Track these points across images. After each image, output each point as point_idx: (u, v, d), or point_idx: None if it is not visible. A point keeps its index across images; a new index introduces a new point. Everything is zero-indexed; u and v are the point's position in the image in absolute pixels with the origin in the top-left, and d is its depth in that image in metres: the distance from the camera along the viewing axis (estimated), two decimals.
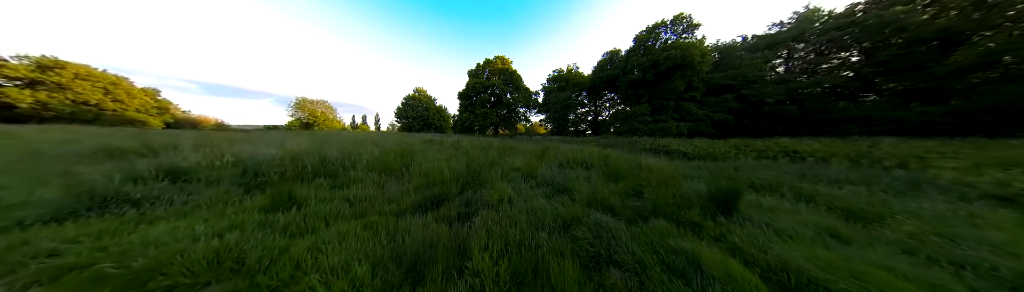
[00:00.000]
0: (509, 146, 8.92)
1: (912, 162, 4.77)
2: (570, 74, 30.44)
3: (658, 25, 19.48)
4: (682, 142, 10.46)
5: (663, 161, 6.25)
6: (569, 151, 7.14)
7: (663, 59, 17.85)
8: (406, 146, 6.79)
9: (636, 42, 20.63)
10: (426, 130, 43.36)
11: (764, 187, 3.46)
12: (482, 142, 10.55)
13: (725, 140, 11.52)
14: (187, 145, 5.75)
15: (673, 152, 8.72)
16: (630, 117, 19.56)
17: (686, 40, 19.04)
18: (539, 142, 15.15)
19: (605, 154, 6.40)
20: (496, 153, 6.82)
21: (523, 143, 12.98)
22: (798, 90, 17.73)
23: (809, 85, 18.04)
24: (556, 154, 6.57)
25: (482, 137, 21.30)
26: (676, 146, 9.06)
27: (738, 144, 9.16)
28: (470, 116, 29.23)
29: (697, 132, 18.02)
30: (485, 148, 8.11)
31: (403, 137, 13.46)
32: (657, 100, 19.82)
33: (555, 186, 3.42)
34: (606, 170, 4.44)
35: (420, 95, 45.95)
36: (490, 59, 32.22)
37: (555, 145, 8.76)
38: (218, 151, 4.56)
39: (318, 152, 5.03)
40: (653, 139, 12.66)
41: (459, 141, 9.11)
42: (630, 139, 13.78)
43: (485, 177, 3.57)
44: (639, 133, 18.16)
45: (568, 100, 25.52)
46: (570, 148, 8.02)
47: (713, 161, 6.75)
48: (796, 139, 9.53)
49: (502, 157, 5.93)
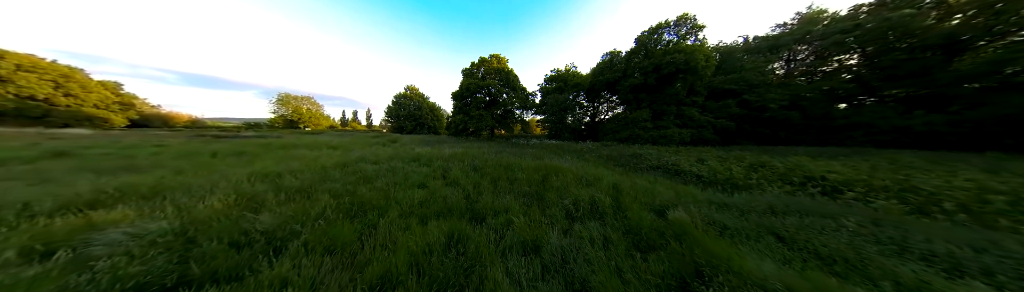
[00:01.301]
0: (506, 166, 8.10)
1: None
2: (568, 74, 29.64)
3: (661, 26, 18.77)
4: (691, 159, 9.97)
5: (684, 189, 5.70)
6: (572, 176, 6.47)
7: (666, 63, 17.24)
8: (383, 186, 5.57)
9: (637, 43, 19.92)
10: (419, 131, 42.27)
11: (851, 271, 2.76)
12: (476, 156, 9.72)
13: (737, 154, 11.10)
14: None
15: (684, 173, 8.22)
16: (631, 123, 19.06)
17: (690, 43, 18.42)
18: (538, 150, 14.52)
19: (615, 185, 5.74)
20: (490, 183, 6.02)
21: (521, 152, 12.02)
22: (800, 94, 17.44)
23: (810, 89, 17.76)
24: (560, 182, 5.89)
25: (477, 141, 20.56)
26: (687, 166, 8.54)
27: (754, 163, 8.72)
28: (465, 118, 28.33)
29: (699, 139, 17.67)
30: (479, 169, 7.33)
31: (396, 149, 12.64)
32: (658, 105, 19.33)
33: (565, 275, 2.64)
34: (625, 224, 3.70)
35: (412, 93, 44.56)
36: (485, 58, 31.09)
37: (556, 164, 8.06)
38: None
39: (245, 215, 3.31)
40: (658, 152, 12.16)
41: (449, 164, 8.14)
42: (633, 151, 13.27)
43: (471, 252, 2.82)
44: (640, 140, 17.71)
45: (565, 102, 24.84)
46: (573, 169, 7.34)
47: (735, 190, 6.26)
48: (816, 159, 9.13)
49: (497, 194, 5.14)
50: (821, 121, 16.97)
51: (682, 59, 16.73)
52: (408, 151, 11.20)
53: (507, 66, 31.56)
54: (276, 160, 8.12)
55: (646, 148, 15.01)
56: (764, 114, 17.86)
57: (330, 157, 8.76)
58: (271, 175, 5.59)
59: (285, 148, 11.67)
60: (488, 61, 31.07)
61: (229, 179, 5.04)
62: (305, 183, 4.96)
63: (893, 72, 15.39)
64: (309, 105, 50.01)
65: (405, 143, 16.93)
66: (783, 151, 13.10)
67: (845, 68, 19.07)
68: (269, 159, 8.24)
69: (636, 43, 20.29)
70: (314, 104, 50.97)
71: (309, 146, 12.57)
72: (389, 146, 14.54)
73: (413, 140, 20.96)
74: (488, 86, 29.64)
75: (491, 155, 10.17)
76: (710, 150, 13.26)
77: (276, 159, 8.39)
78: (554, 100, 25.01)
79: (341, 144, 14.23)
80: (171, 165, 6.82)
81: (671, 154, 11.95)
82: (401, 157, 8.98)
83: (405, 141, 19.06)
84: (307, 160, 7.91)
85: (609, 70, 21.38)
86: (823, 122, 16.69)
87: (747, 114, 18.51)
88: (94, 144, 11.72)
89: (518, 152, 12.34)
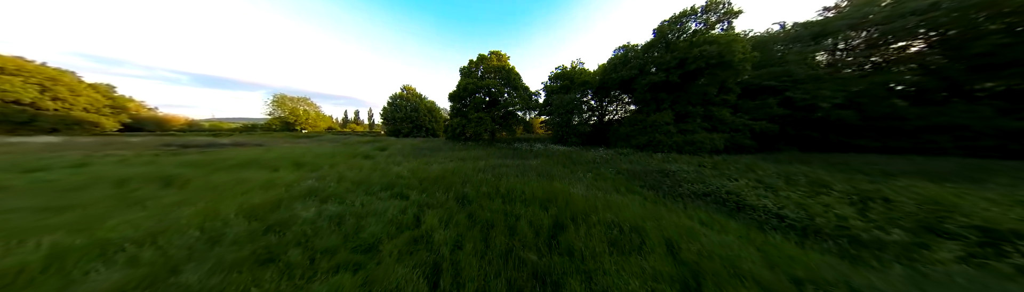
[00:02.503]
0: (505, 194, 6.00)
1: None
2: (574, 71, 26.92)
3: (685, 13, 15.93)
4: (750, 182, 7.24)
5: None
6: (599, 225, 4.07)
7: (694, 57, 14.42)
8: (298, 262, 3.49)
9: (656, 34, 17.12)
10: (416, 133, 40.09)
11: None
12: (469, 175, 7.50)
13: (802, 170, 8.32)
14: None
15: (753, 208, 5.55)
16: (650, 126, 16.29)
17: (719, 32, 15.55)
18: (544, 160, 11.97)
19: (671, 242, 3.31)
20: (479, 234, 3.80)
21: (524, 165, 9.95)
22: (858, 90, 14.41)
23: (869, 85, 14.68)
24: (582, 239, 3.51)
25: (475, 148, 18.07)
26: (755, 198, 5.82)
27: (850, 192, 6.02)
28: (462, 121, 25.92)
29: (734, 145, 14.81)
30: (469, 204, 5.24)
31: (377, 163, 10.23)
32: (682, 105, 16.50)
33: None
34: None
35: (409, 94, 42.40)
36: (484, 55, 28.61)
37: (571, 193, 5.76)
38: None
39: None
40: (697, 171, 9.43)
41: (430, 196, 5.82)
42: (658, 163, 10.60)
43: None
44: (662, 147, 14.96)
45: (572, 103, 22.16)
46: (596, 206, 4.92)
47: (858, 248, 3.64)
48: (941, 184, 6.30)
49: (486, 265, 2.82)
50: (885, 122, 13.92)
51: (714, 52, 13.89)
52: (389, 168, 8.93)
53: (508, 64, 29.01)
54: (192, 192, 5.81)
55: (672, 158, 12.28)
56: (813, 114, 14.87)
57: (274, 187, 6.29)
58: (106, 246, 3.20)
59: (235, 168, 9.08)
60: (488, 59, 28.56)
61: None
62: (141, 273, 2.58)
63: (988, 60, 12.26)
64: (306, 106, 48.38)
65: (393, 153, 14.53)
66: (855, 163, 10.23)
67: (906, 58, 15.90)
68: (178, 194, 5.85)
69: (655, 34, 17.47)
70: (311, 105, 49.30)
71: (269, 163, 9.90)
72: (373, 158, 12.22)
73: (405, 147, 18.59)
74: (488, 86, 27.13)
75: (488, 172, 8.23)
76: (760, 163, 10.46)
77: (195, 190, 6.08)
78: (560, 100, 22.36)
79: (315, 157, 11.70)
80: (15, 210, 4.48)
81: (711, 169, 9.25)
82: (372, 182, 6.71)
83: (395, 149, 16.68)
84: (231, 196, 5.50)
85: (623, 67, 18.61)
86: (888, 123, 13.65)
87: (789, 115, 15.55)
88: None
89: (520, 165, 10.15)
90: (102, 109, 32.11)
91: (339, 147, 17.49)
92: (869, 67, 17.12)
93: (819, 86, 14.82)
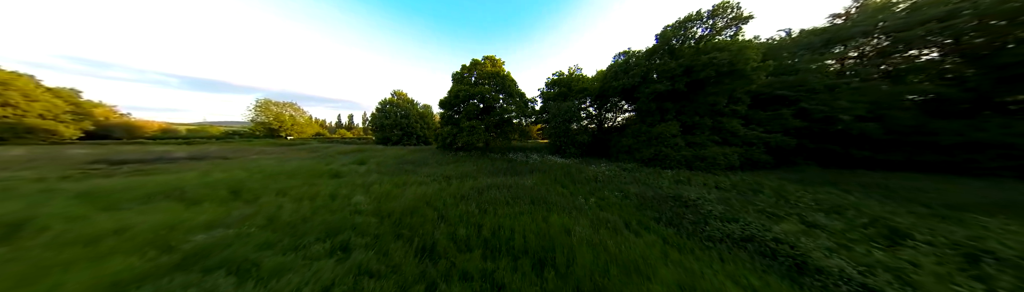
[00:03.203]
0: (487, 239, 4.91)
1: None
2: (572, 78, 25.81)
3: (690, 18, 14.85)
4: (796, 223, 5.83)
5: None
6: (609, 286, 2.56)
7: (702, 64, 13.25)
8: None
9: (660, 40, 16.00)
10: (406, 141, 38.44)
11: None
12: (449, 205, 6.23)
13: (854, 203, 6.94)
14: None
15: (821, 273, 3.99)
16: (655, 138, 14.98)
17: (726, 38, 14.46)
18: (540, 176, 10.52)
19: None
20: None
21: (518, 184, 8.65)
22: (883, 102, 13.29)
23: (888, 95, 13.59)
24: None
25: (467, 160, 16.57)
26: (822, 258, 4.26)
27: (935, 242, 4.65)
28: (453, 130, 24.44)
29: (748, 161, 13.51)
30: (433, 263, 3.73)
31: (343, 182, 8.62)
32: (688, 116, 15.27)
33: None
34: None
35: (399, 99, 40.90)
36: (478, 60, 27.37)
37: (565, 223, 4.53)
38: None
39: None
40: (726, 205, 8.02)
41: (387, 245, 4.33)
42: (670, 186, 9.21)
43: None
44: (670, 162, 13.61)
45: (570, 111, 20.88)
46: (595, 247, 3.60)
47: None
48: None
49: None
50: (914, 137, 12.77)
51: (725, 59, 12.74)
52: (352, 195, 7.30)
53: (503, 69, 27.76)
54: (17, 254, 4.06)
55: (684, 176, 10.88)
56: (833, 127, 13.69)
57: (155, 242, 4.32)
58: None
59: (140, 201, 6.38)
60: (482, 64, 27.31)
61: None
62: None
63: (1019, 70, 11.25)
64: (292, 111, 46.55)
65: (371, 169, 12.85)
66: (896, 187, 8.94)
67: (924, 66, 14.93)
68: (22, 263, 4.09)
69: (658, 40, 16.35)
70: (297, 110, 47.47)
71: (196, 192, 7.12)
72: (342, 177, 10.52)
73: (387, 160, 16.94)
74: (481, 93, 25.81)
75: (473, 199, 7.04)
76: (787, 186, 9.10)
77: (34, 248, 4.13)
78: (557, 109, 21.08)
79: (266, 179, 9.26)
80: None
81: (731, 192, 7.87)
82: (312, 225, 4.97)
83: (375, 163, 15.00)
84: (64, 265, 3.54)
85: (625, 74, 17.43)
86: (920, 138, 12.48)
87: (806, 127, 14.37)
88: None
89: (513, 185, 8.83)
90: (61, 115, 29.85)
91: (310, 161, 15.70)
92: (882, 76, 16.17)
93: (835, 96, 13.70)
